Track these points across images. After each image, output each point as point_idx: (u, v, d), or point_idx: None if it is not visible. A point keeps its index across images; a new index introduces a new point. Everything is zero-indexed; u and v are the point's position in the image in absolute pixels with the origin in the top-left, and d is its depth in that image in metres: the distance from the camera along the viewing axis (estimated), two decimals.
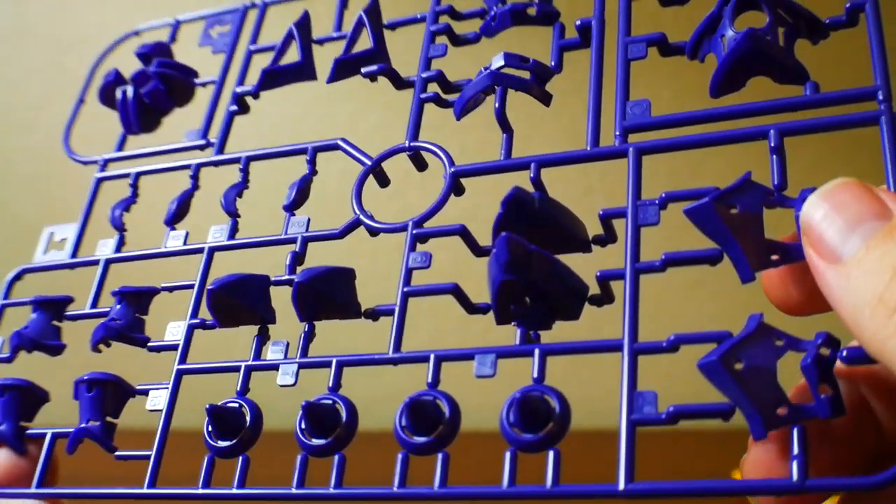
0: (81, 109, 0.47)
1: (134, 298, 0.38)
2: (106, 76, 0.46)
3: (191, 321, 0.36)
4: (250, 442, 0.32)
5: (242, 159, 0.41)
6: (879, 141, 0.28)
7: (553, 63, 0.36)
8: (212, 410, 0.32)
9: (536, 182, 0.33)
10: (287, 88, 0.42)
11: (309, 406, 0.30)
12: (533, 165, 0.33)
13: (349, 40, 0.41)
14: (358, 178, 0.37)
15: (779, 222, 0.29)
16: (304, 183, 0.38)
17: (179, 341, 0.36)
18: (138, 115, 0.44)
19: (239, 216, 0.39)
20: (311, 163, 0.39)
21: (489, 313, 0.32)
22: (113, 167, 0.44)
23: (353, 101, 0.38)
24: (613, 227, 0.32)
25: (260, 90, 0.42)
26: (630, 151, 0.32)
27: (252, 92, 0.42)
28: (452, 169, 0.35)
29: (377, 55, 0.40)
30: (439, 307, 0.34)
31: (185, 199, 0.41)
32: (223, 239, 0.38)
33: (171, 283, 0.38)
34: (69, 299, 0.40)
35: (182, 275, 0.38)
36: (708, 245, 0.29)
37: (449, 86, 0.38)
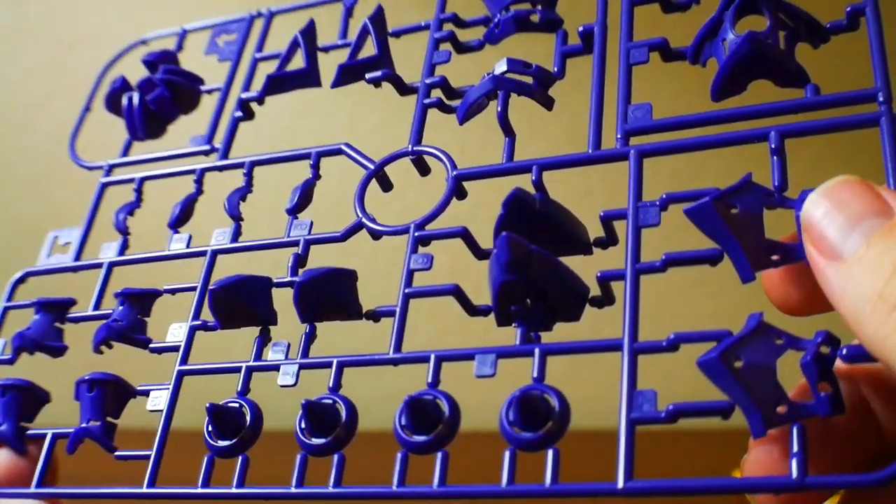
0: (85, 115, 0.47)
1: (136, 300, 0.38)
2: (112, 83, 0.46)
3: (192, 322, 0.36)
4: (250, 442, 0.32)
5: (246, 164, 0.41)
6: (879, 142, 0.28)
7: (556, 69, 0.37)
8: (212, 410, 0.32)
9: (538, 184, 0.33)
10: None
11: (309, 405, 0.30)
12: (534, 168, 0.33)
13: (354, 47, 0.41)
14: (360, 182, 0.37)
15: (779, 223, 0.29)
16: (308, 187, 0.38)
17: (181, 342, 0.36)
18: (144, 122, 0.45)
19: (242, 220, 0.39)
20: (315, 167, 0.39)
21: (490, 315, 0.32)
22: (117, 172, 0.44)
23: (354, 101, 0.38)
24: (614, 228, 0.32)
25: (265, 96, 0.42)
26: (631, 154, 0.32)
27: (257, 98, 0.42)
28: (454, 172, 0.35)
29: (381, 61, 0.40)
30: (439, 308, 0.34)
31: (188, 202, 0.41)
32: (226, 242, 0.38)
33: (173, 286, 0.38)
34: (72, 301, 0.40)
35: (185, 278, 0.38)
36: (708, 246, 0.29)
37: (452, 91, 0.38)
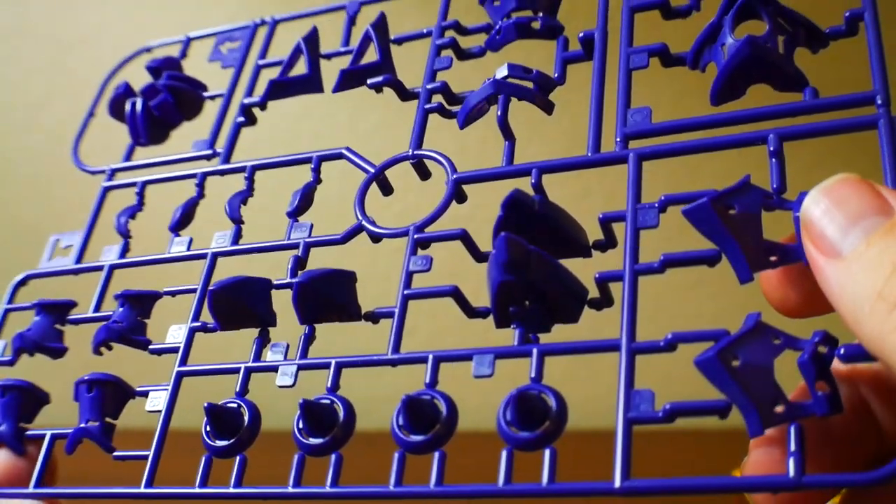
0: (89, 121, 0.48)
1: (136, 301, 0.38)
2: (116, 89, 0.47)
3: (192, 324, 0.36)
4: (248, 442, 0.32)
5: (248, 168, 0.41)
6: (878, 144, 0.28)
7: (556, 75, 0.37)
8: (210, 410, 0.32)
9: (537, 187, 0.33)
10: None
11: (307, 405, 0.30)
12: (534, 172, 0.33)
13: (356, 53, 0.42)
14: (361, 186, 0.37)
15: (778, 225, 0.29)
16: (308, 190, 0.38)
17: (180, 344, 0.36)
18: (147, 127, 0.45)
19: (243, 223, 0.39)
20: (316, 171, 0.39)
21: (489, 316, 0.32)
22: (119, 176, 0.45)
23: (354, 101, 0.39)
24: (613, 230, 0.32)
25: (267, 101, 0.42)
26: (630, 157, 0.32)
27: (259, 103, 0.43)
28: (454, 176, 0.35)
29: (383, 67, 0.40)
30: (439, 308, 0.34)
31: (189, 206, 0.41)
32: (226, 244, 0.38)
33: (173, 288, 0.38)
34: (72, 303, 0.40)
35: (186, 282, 0.38)
36: (707, 247, 0.29)
37: (453, 97, 0.39)
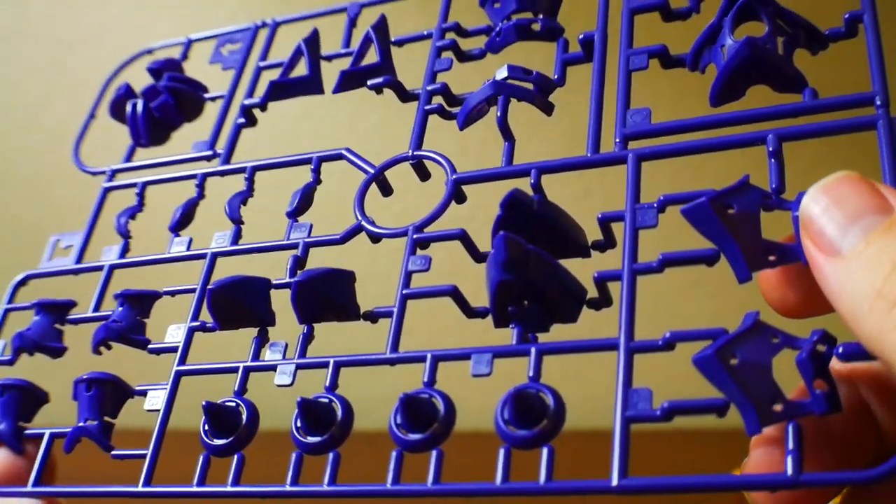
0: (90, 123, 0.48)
1: (136, 301, 0.38)
2: (117, 90, 0.47)
3: (191, 324, 0.36)
4: (246, 441, 0.32)
5: (248, 169, 0.41)
6: (877, 144, 0.29)
7: (556, 76, 0.37)
8: (208, 408, 0.32)
9: (537, 188, 0.33)
10: None
11: (305, 403, 0.30)
12: (533, 172, 0.33)
13: (356, 54, 0.42)
14: (360, 186, 0.37)
15: (777, 225, 0.29)
16: (308, 191, 0.39)
17: (179, 343, 0.36)
18: (148, 129, 0.45)
19: (242, 223, 0.39)
20: (316, 171, 0.39)
21: (488, 316, 0.32)
22: (120, 176, 0.45)
23: (354, 101, 0.39)
24: (612, 230, 0.32)
25: (267, 102, 0.43)
26: (629, 157, 0.32)
27: (259, 104, 0.43)
28: (454, 176, 0.35)
29: (383, 68, 0.40)
30: (438, 309, 0.34)
31: (189, 206, 0.41)
32: (226, 245, 0.38)
33: (172, 287, 0.38)
34: (72, 303, 0.40)
35: (186, 282, 0.39)
36: (706, 247, 0.29)
37: (453, 98, 0.39)
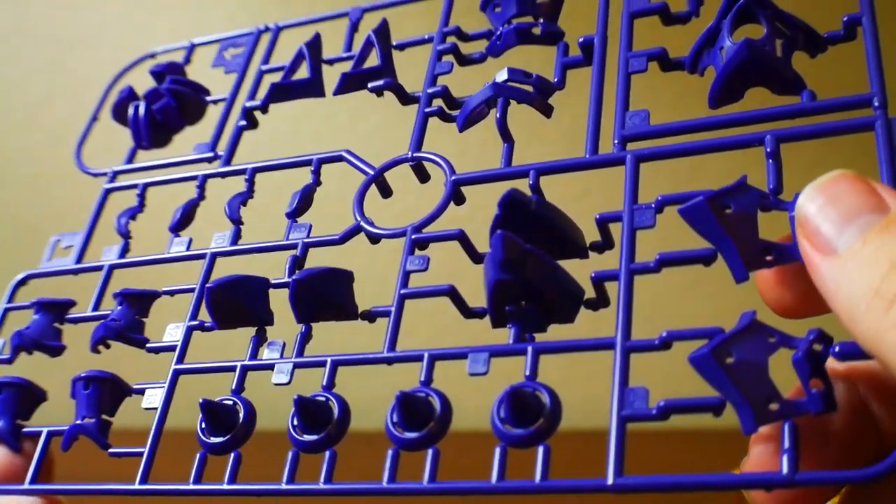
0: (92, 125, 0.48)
1: (135, 300, 0.38)
2: (120, 93, 0.47)
3: (190, 323, 0.36)
4: (243, 439, 0.32)
5: (248, 171, 0.41)
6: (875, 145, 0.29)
7: (556, 79, 0.37)
8: (205, 406, 0.32)
9: (535, 188, 0.33)
10: None
11: (301, 401, 0.30)
12: (532, 173, 0.34)
13: (358, 58, 0.42)
14: (360, 188, 0.37)
15: (775, 225, 0.29)
16: (308, 192, 0.39)
17: (177, 342, 0.36)
18: (150, 132, 0.45)
19: (242, 223, 0.39)
20: (316, 173, 0.39)
21: (486, 316, 0.32)
22: (121, 177, 0.45)
23: (354, 101, 0.39)
24: (610, 231, 0.32)
25: (268, 104, 0.43)
26: (628, 159, 0.32)
27: (261, 106, 0.43)
28: (453, 177, 0.35)
29: (384, 71, 0.40)
30: (437, 308, 0.34)
31: (189, 207, 0.41)
32: (225, 245, 0.38)
33: (172, 287, 0.38)
34: (71, 302, 0.40)
35: (185, 282, 0.39)
36: (704, 247, 0.29)
37: (453, 101, 0.39)
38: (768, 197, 0.29)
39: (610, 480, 0.26)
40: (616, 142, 0.33)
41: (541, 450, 0.27)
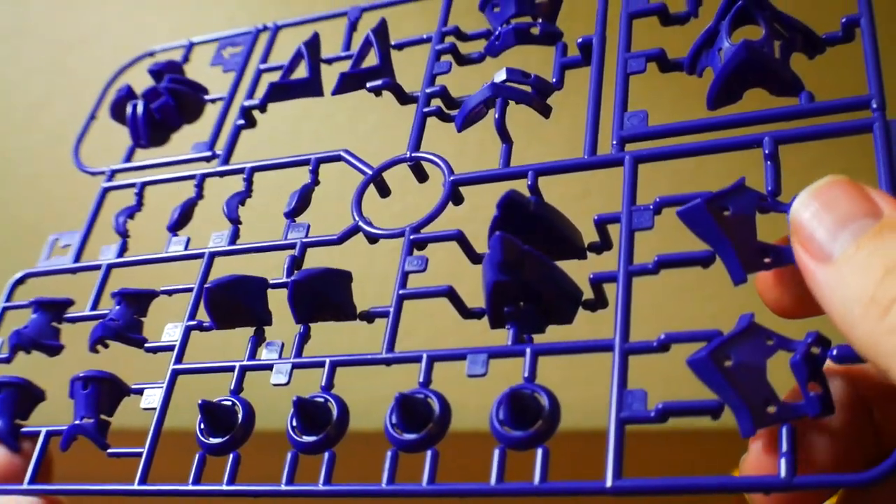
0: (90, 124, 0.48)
1: (133, 300, 0.38)
2: (118, 91, 0.47)
3: (188, 322, 0.36)
4: (242, 439, 0.32)
5: (246, 170, 0.41)
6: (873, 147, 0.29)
7: (554, 80, 0.37)
8: (204, 406, 0.32)
9: (534, 189, 0.33)
10: None
11: (300, 402, 0.30)
12: (530, 174, 0.34)
13: (356, 57, 0.42)
14: (358, 187, 0.37)
15: (773, 226, 0.29)
16: (306, 191, 0.39)
17: (176, 342, 0.36)
18: (148, 130, 0.45)
19: (240, 223, 0.39)
20: (314, 172, 0.39)
21: (485, 317, 0.32)
22: (119, 176, 0.45)
23: (353, 101, 0.39)
24: (608, 232, 0.32)
25: (266, 103, 0.43)
26: (626, 160, 0.32)
27: (259, 105, 0.43)
28: (451, 178, 0.35)
29: (382, 71, 0.40)
30: (437, 309, 0.34)
31: (188, 206, 0.41)
32: (223, 244, 0.39)
33: (170, 287, 0.38)
34: (69, 301, 0.40)
35: (183, 282, 0.39)
36: (702, 249, 0.29)
37: (452, 101, 0.39)
38: (766, 199, 0.29)
39: (609, 483, 0.26)
40: (614, 143, 0.33)
41: (540, 451, 0.27)
